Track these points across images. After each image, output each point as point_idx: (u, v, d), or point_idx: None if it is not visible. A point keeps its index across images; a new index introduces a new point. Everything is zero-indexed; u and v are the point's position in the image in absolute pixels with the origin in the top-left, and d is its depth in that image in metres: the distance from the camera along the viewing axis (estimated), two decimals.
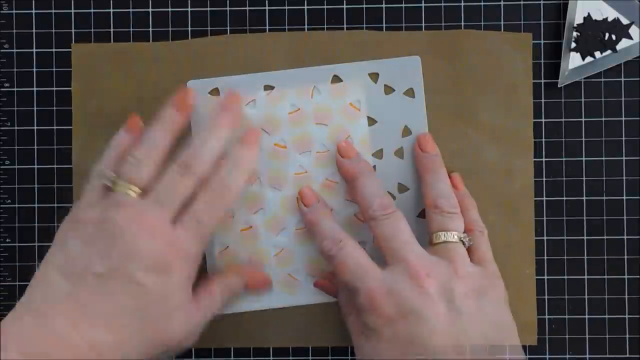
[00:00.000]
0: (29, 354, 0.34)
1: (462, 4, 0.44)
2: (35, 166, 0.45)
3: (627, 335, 0.44)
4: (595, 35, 0.43)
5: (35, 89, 0.44)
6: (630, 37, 0.43)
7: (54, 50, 0.44)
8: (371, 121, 0.44)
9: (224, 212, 0.39)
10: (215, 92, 0.43)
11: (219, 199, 0.39)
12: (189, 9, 0.44)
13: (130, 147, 0.40)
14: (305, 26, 0.44)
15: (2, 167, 0.45)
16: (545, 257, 0.44)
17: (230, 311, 0.43)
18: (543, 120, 0.44)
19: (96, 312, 0.35)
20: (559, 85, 0.44)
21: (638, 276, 0.44)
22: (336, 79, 0.44)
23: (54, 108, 0.44)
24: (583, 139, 0.44)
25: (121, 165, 0.39)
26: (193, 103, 0.41)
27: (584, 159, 0.44)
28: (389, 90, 0.44)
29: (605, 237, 0.44)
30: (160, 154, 0.39)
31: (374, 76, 0.43)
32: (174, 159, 0.39)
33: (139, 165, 0.38)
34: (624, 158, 0.44)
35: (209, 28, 0.44)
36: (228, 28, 0.44)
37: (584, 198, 0.44)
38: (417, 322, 0.36)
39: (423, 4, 0.44)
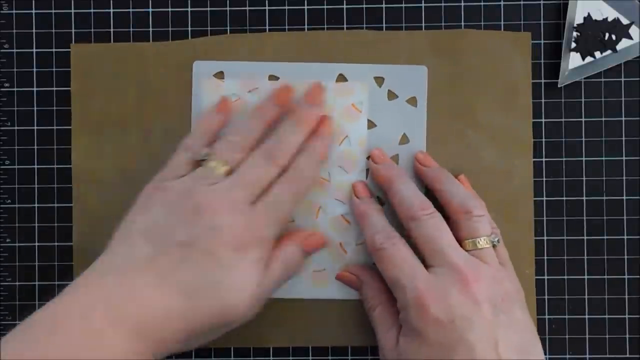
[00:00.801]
0: (114, 318, 0.35)
1: (462, 4, 0.44)
2: (35, 166, 0.45)
3: (627, 335, 0.44)
4: (595, 35, 0.43)
5: (35, 89, 0.44)
6: (630, 37, 0.43)
7: (54, 50, 0.44)
8: (371, 124, 0.44)
9: (300, 198, 0.40)
10: (219, 75, 0.44)
11: (296, 187, 0.40)
12: (189, 9, 0.44)
13: (218, 128, 0.42)
14: (305, 26, 0.44)
15: (2, 167, 0.45)
16: (545, 257, 0.44)
17: None
18: (543, 120, 0.44)
19: (174, 279, 0.37)
20: (559, 85, 0.44)
21: (638, 276, 0.44)
22: (341, 78, 0.44)
23: (54, 108, 0.44)
24: (583, 139, 0.44)
25: (215, 144, 0.41)
26: (292, 99, 0.42)
27: (584, 159, 0.44)
28: (392, 96, 0.44)
29: (605, 237, 0.44)
30: (252, 142, 0.41)
31: (379, 80, 0.43)
32: (260, 147, 0.41)
33: (233, 147, 0.40)
34: (624, 158, 0.44)
35: (209, 28, 0.44)
36: (228, 28, 0.44)
37: (584, 198, 0.44)
38: (465, 328, 0.36)
39: (423, 4, 0.44)
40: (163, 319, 0.36)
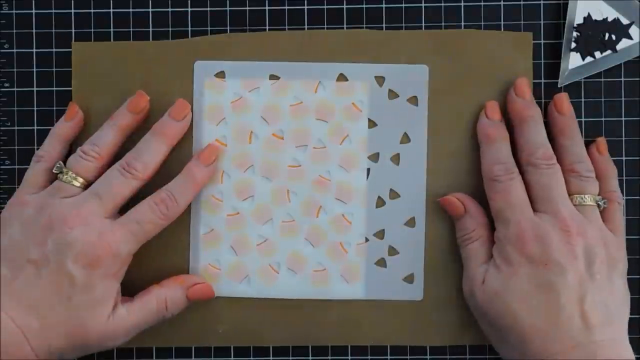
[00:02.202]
0: None
1: (462, 4, 0.44)
2: None
3: (627, 336, 0.44)
4: (595, 35, 0.43)
5: (35, 89, 0.44)
6: (630, 37, 0.43)
7: (54, 50, 0.44)
8: (371, 123, 0.44)
9: (166, 222, 0.41)
10: (221, 75, 0.44)
11: (163, 208, 0.40)
12: (189, 9, 0.44)
13: (70, 136, 0.43)
14: (305, 26, 0.44)
15: (2, 167, 0.45)
16: None
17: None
18: (543, 120, 0.44)
19: (28, 299, 0.38)
20: (559, 85, 0.44)
21: (638, 276, 0.44)
22: (342, 77, 0.44)
23: (54, 108, 0.44)
24: (583, 139, 0.44)
25: (70, 157, 0.41)
26: (147, 107, 0.42)
27: None
28: (393, 95, 0.44)
29: None
30: (107, 151, 0.41)
31: (380, 79, 0.43)
32: (121, 160, 0.41)
33: (86, 158, 0.41)
34: (624, 158, 0.44)
35: (208, 28, 0.44)
36: (228, 28, 0.44)
37: None
38: (556, 273, 0.38)
39: (423, 4, 0.44)
40: (18, 340, 0.37)
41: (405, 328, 0.44)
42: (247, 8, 0.44)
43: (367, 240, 0.44)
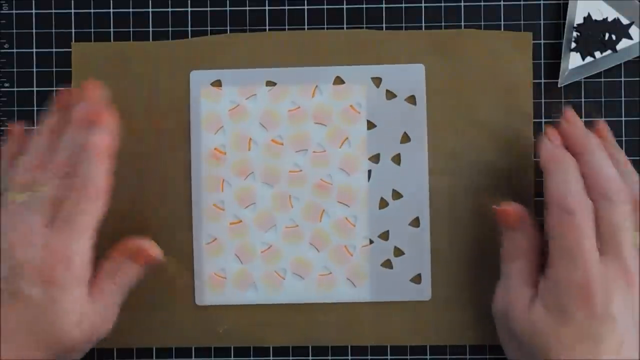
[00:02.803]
0: None
1: (462, 4, 0.44)
2: None
3: None
4: (595, 35, 0.43)
5: (35, 89, 0.44)
6: (630, 37, 0.43)
7: (54, 50, 0.44)
8: (370, 125, 0.44)
9: (94, 204, 0.37)
10: (217, 84, 0.44)
11: (83, 193, 0.37)
12: (189, 9, 0.44)
13: (16, 154, 0.39)
14: (305, 26, 0.44)
15: None
16: None
17: (209, 303, 0.43)
18: (543, 120, 0.44)
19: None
20: (559, 85, 0.44)
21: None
22: (338, 80, 0.44)
23: None
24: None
25: (10, 170, 0.39)
26: (73, 101, 0.39)
27: None
28: (391, 95, 0.44)
29: None
30: (43, 157, 0.38)
31: (377, 80, 0.43)
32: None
33: (24, 169, 0.38)
34: None
35: (209, 28, 0.44)
36: (228, 28, 0.44)
37: None
38: (608, 327, 0.35)
39: (423, 4, 0.44)
40: None
41: (405, 328, 0.44)
42: (247, 8, 0.44)
43: (371, 242, 0.44)
